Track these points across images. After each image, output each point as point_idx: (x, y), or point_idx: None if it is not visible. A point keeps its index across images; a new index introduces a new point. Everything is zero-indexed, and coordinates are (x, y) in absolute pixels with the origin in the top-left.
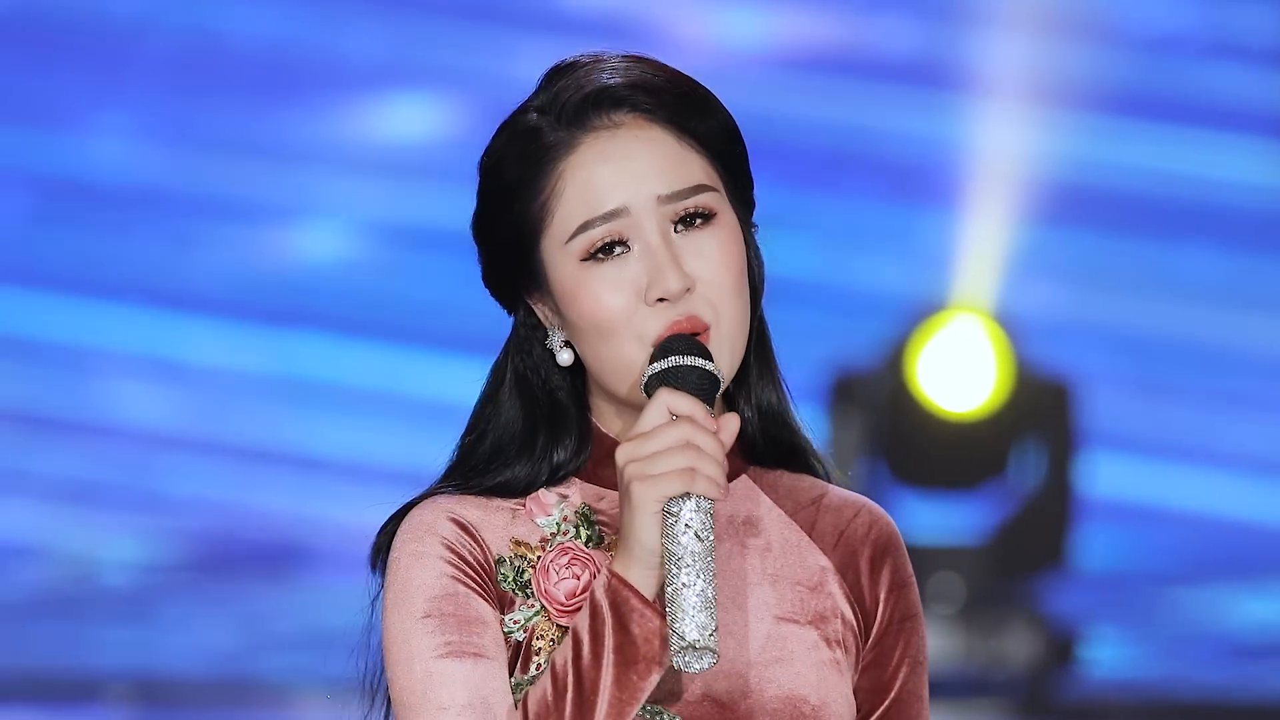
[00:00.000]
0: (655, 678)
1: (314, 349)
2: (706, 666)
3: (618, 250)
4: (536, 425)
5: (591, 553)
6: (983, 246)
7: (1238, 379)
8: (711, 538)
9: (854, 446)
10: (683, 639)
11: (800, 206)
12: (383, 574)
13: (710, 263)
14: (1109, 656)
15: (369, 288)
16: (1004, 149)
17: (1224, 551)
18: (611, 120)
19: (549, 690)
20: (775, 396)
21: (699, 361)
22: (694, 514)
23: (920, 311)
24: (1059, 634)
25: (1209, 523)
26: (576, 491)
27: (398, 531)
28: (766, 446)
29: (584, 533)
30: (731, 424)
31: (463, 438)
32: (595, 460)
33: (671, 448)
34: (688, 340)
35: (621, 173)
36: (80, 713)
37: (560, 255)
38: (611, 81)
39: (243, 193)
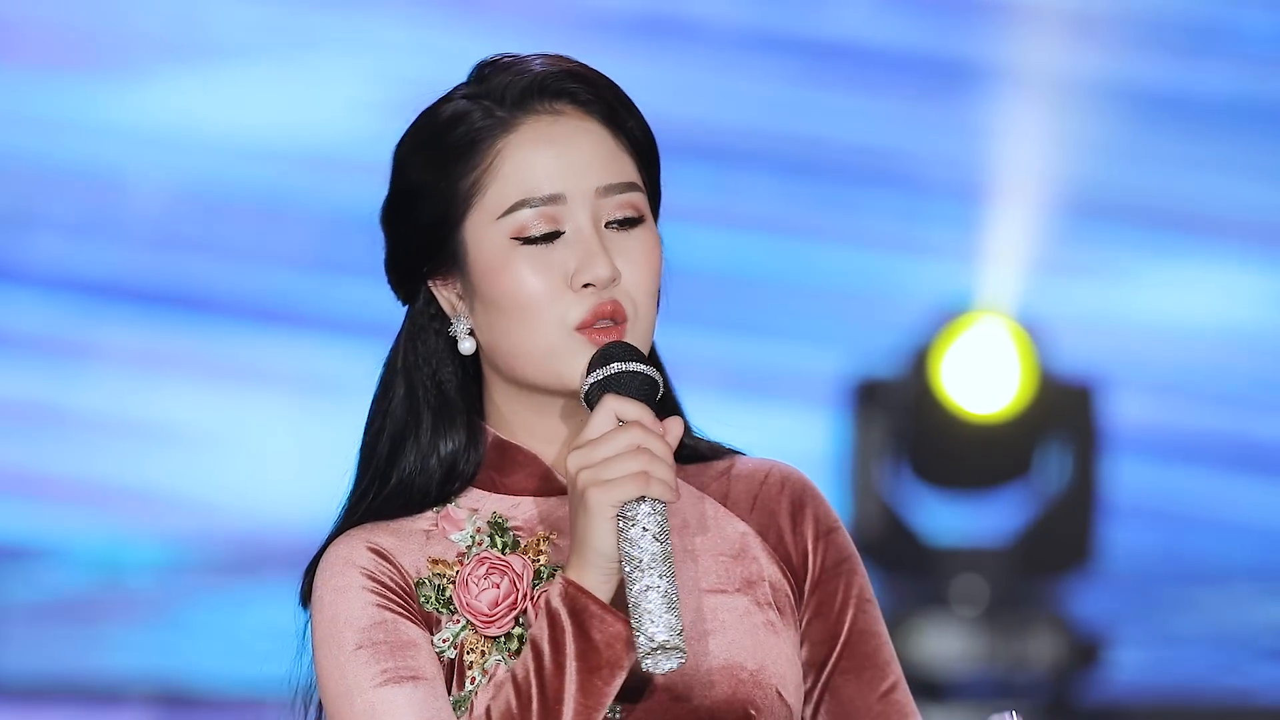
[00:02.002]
0: (619, 681)
1: (336, 350)
2: (675, 666)
3: (552, 237)
4: (420, 415)
5: (508, 558)
6: (1006, 249)
7: (1263, 381)
8: (669, 539)
9: (878, 449)
10: (652, 640)
11: (823, 209)
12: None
13: (634, 264)
14: (1133, 659)
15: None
16: (1027, 150)
17: (1250, 554)
18: (553, 108)
19: (513, 701)
20: (669, 394)
21: (641, 367)
22: (650, 517)
23: (944, 314)
24: (1083, 636)
25: (1234, 525)
26: (486, 504)
27: (319, 570)
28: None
29: (499, 541)
30: (676, 427)
31: (362, 438)
32: (496, 468)
33: (623, 452)
34: (626, 347)
35: (562, 158)
36: (102, 717)
37: (489, 230)
38: (552, 71)
39: (272, 195)
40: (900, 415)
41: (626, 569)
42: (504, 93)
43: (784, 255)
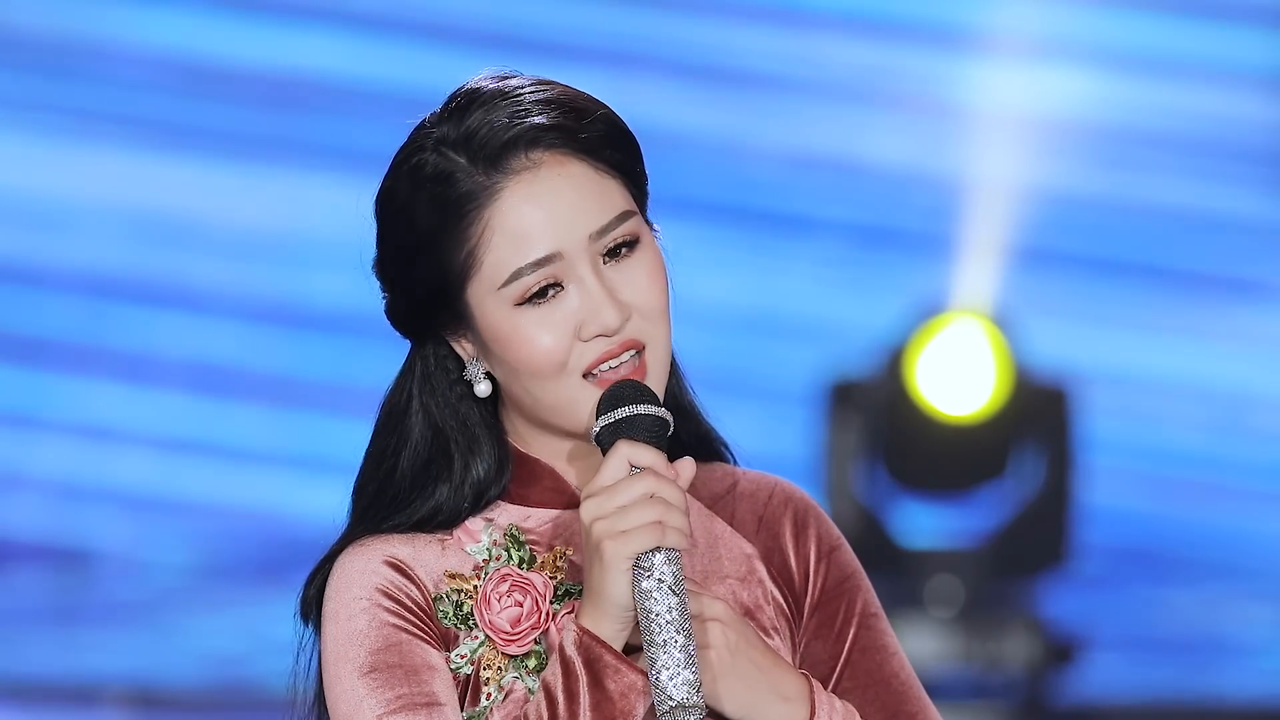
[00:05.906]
0: None
1: (318, 352)
2: None
3: (551, 292)
4: (451, 453)
5: (529, 575)
6: (981, 250)
7: (1238, 381)
8: (685, 589)
9: (853, 450)
10: (671, 699)
11: (800, 212)
12: (316, 627)
13: (641, 290)
14: (1107, 660)
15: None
16: (1002, 152)
17: (1223, 555)
18: (530, 160)
19: None
20: (679, 388)
21: (651, 409)
22: (665, 567)
23: (919, 315)
24: (1058, 637)
25: (1208, 526)
26: (501, 513)
27: (330, 581)
28: (675, 440)
29: (515, 554)
30: (687, 469)
31: (369, 475)
32: (518, 480)
33: (637, 502)
34: (635, 386)
35: (551, 216)
36: (77, 718)
37: (492, 300)
38: (526, 120)
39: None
40: (875, 416)
41: (643, 622)
42: (479, 148)
43: (759, 255)
